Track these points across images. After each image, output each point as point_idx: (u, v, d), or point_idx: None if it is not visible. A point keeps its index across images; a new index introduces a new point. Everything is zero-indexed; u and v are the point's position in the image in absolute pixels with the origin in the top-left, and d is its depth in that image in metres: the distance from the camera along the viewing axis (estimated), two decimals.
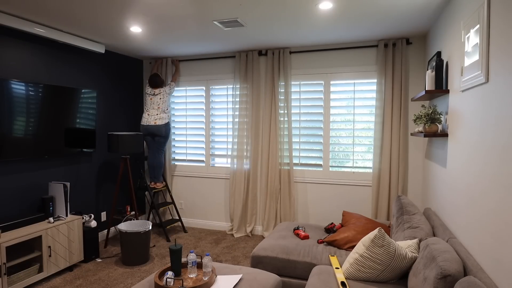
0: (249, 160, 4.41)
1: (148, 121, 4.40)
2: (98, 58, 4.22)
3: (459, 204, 2.26)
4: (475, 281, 1.51)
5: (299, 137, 4.25)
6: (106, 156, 4.36)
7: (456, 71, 2.42)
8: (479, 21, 1.89)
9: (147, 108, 4.44)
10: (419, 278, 1.92)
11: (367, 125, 3.99)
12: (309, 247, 2.87)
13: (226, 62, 4.58)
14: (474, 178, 1.98)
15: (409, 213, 2.68)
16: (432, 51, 3.32)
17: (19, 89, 3.15)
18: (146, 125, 4.40)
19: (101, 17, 3.08)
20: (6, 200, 3.18)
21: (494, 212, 1.68)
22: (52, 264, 3.19)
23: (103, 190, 4.33)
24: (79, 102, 3.78)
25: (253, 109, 4.35)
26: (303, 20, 3.17)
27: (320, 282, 2.27)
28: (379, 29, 3.46)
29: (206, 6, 2.81)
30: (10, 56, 3.19)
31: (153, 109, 4.44)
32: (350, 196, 4.09)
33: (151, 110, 4.43)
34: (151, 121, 4.41)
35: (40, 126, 3.36)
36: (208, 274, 2.27)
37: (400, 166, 3.78)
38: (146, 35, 3.65)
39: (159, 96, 4.44)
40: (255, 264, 2.84)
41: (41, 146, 3.38)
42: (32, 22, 3.19)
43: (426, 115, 2.73)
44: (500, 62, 1.63)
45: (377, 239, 2.20)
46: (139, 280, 3.23)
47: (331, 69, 4.08)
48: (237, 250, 3.96)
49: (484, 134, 1.84)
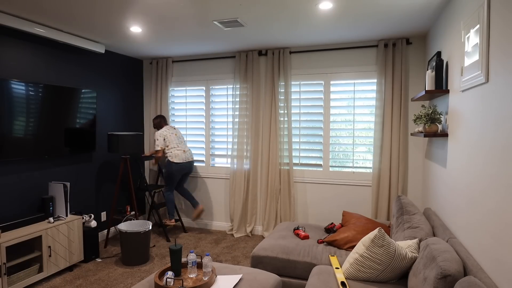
0: (249, 160, 4.41)
1: (187, 158, 4.24)
2: (98, 58, 4.22)
3: (459, 204, 2.26)
4: (475, 281, 1.51)
5: (299, 137, 4.25)
6: (106, 156, 4.36)
7: (456, 71, 2.42)
8: (479, 21, 1.89)
9: (176, 144, 4.21)
10: (419, 278, 1.92)
11: (367, 125, 3.99)
12: (309, 247, 2.87)
13: (226, 62, 4.58)
14: (474, 178, 1.98)
15: (409, 213, 2.68)
16: (432, 51, 3.32)
17: (19, 89, 3.15)
18: (185, 162, 4.22)
19: (101, 17, 3.08)
20: (6, 200, 3.18)
21: (494, 212, 1.68)
22: (52, 264, 3.19)
23: (103, 190, 4.33)
24: (79, 102, 3.78)
25: (253, 109, 4.35)
26: (303, 20, 3.17)
27: (320, 282, 2.26)
28: (379, 29, 3.46)
29: (206, 6, 2.81)
30: (10, 56, 3.19)
31: (184, 143, 4.33)
32: (350, 196, 4.09)
33: (182, 145, 4.29)
34: (190, 157, 4.30)
35: (40, 126, 3.36)
36: (208, 274, 2.27)
37: (400, 166, 3.78)
38: (146, 35, 3.65)
39: (178, 129, 4.41)
40: (255, 264, 2.84)
41: (41, 146, 3.38)
42: (32, 22, 3.18)
43: (426, 115, 2.73)
44: (500, 62, 1.63)
45: (377, 239, 2.20)
46: (139, 280, 3.23)
47: (331, 69, 4.08)
48: (237, 250, 3.96)
49: (484, 134, 1.84)
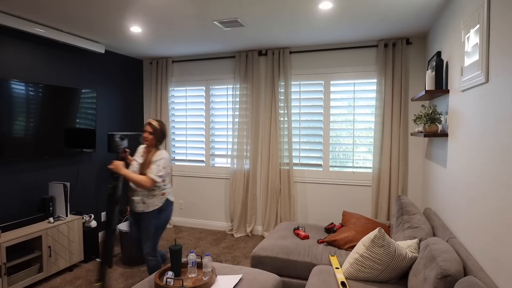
0: (249, 160, 4.41)
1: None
2: (98, 58, 4.22)
3: (459, 204, 2.26)
4: (475, 281, 1.51)
5: (299, 137, 4.25)
6: (106, 156, 4.36)
7: (456, 71, 2.41)
8: (479, 21, 1.89)
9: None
10: (419, 278, 1.92)
11: (367, 125, 3.99)
12: (309, 247, 2.87)
13: (226, 62, 4.58)
14: (474, 178, 1.98)
15: (409, 213, 2.67)
16: (432, 51, 3.32)
17: (19, 89, 3.15)
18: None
19: (101, 17, 3.08)
20: (6, 200, 3.18)
21: (494, 212, 1.68)
22: (52, 264, 3.19)
23: (103, 190, 4.33)
24: (79, 102, 3.78)
25: (253, 109, 4.35)
26: (303, 20, 3.17)
27: (320, 282, 2.26)
28: (379, 29, 3.46)
29: (206, 6, 2.81)
30: (10, 56, 3.19)
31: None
32: (350, 196, 4.09)
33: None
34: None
35: (40, 126, 3.36)
36: (208, 274, 2.27)
37: (400, 166, 3.78)
38: (146, 35, 3.65)
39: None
40: (255, 264, 2.84)
41: (41, 146, 3.37)
42: (32, 22, 3.18)
43: (426, 115, 2.73)
44: (500, 62, 1.63)
45: (377, 239, 2.20)
46: (139, 280, 3.23)
47: (331, 69, 4.08)
48: (237, 250, 3.96)
49: (484, 134, 1.84)
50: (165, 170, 2.71)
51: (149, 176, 2.61)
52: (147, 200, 2.71)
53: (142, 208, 2.72)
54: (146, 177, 2.61)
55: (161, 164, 2.66)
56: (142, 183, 2.59)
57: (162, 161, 2.67)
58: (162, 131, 2.79)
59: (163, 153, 2.72)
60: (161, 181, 2.69)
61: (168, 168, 2.76)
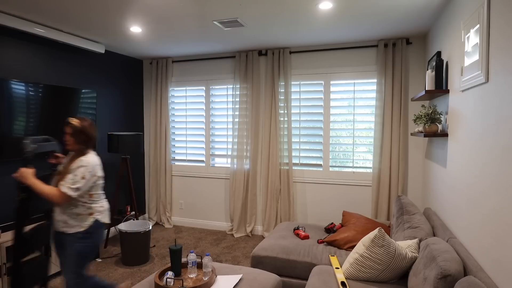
0: (249, 160, 4.41)
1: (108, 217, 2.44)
2: (98, 58, 4.21)
3: (459, 204, 2.26)
4: (475, 281, 1.51)
5: (299, 137, 4.25)
6: (106, 156, 4.36)
7: (456, 71, 2.41)
8: (479, 21, 1.89)
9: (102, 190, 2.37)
10: (419, 278, 1.92)
11: (367, 125, 3.99)
12: (309, 247, 2.87)
13: (226, 62, 4.58)
14: (474, 178, 1.98)
15: (409, 213, 2.67)
16: (432, 51, 3.32)
17: (19, 89, 3.15)
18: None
19: (101, 17, 3.08)
20: (6, 200, 3.17)
21: (494, 212, 1.68)
22: (52, 264, 3.18)
23: None
24: (79, 102, 3.77)
25: (253, 109, 4.35)
26: (303, 20, 3.17)
27: (320, 282, 2.26)
28: (379, 29, 3.46)
29: (206, 6, 2.81)
30: (10, 56, 3.19)
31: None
32: (350, 196, 4.09)
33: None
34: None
35: (40, 126, 3.36)
36: (208, 274, 2.27)
37: (400, 166, 3.78)
38: (146, 35, 3.65)
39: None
40: (255, 264, 2.84)
41: None
42: (32, 22, 3.18)
43: (426, 115, 2.73)
44: (500, 62, 1.63)
45: (377, 239, 2.20)
46: (139, 280, 3.23)
47: (331, 69, 4.08)
48: (237, 250, 3.96)
49: (484, 134, 1.84)
50: (87, 182, 2.14)
51: (60, 189, 2.09)
52: (69, 219, 2.18)
53: (63, 228, 2.20)
54: (56, 190, 2.10)
55: (79, 174, 2.11)
56: (50, 196, 2.07)
57: (81, 169, 2.13)
58: (84, 132, 2.22)
59: (85, 160, 2.16)
60: (84, 195, 2.18)
61: (95, 178, 2.21)
